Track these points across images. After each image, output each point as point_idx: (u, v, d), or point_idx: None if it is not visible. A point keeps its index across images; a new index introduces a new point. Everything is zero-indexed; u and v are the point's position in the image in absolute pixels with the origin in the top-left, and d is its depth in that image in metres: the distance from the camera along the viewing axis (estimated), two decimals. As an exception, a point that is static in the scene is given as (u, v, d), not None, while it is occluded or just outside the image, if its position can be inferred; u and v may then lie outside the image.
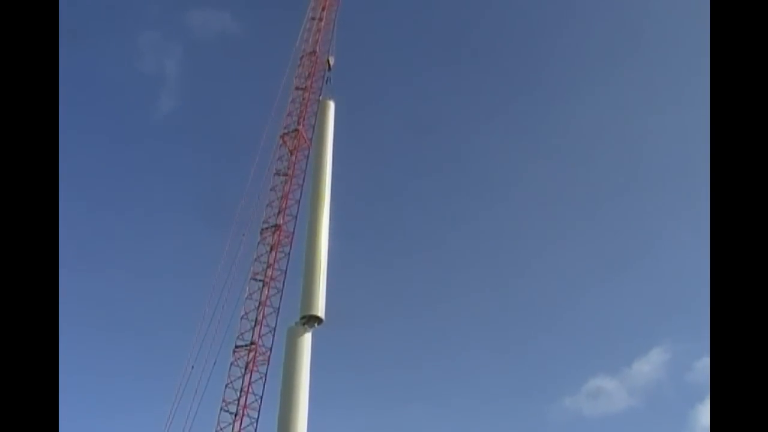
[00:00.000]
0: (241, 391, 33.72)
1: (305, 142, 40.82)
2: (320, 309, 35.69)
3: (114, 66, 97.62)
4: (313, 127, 41.63)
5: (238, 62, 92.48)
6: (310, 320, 35.49)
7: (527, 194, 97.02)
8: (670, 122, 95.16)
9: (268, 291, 36.18)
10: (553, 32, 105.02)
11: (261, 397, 33.86)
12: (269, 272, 36.75)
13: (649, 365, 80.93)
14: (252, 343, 34.87)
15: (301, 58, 43.75)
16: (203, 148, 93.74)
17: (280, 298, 36.39)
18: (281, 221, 38.17)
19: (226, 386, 33.95)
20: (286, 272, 37.09)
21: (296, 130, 40.89)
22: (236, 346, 34.97)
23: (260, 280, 36.57)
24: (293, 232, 38.15)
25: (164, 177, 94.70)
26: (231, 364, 34.53)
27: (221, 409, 33.41)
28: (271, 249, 37.48)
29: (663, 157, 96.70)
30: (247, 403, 33.44)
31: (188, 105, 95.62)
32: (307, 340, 34.88)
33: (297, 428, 31.92)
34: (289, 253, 37.63)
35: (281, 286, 36.64)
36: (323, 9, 45.36)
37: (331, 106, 43.49)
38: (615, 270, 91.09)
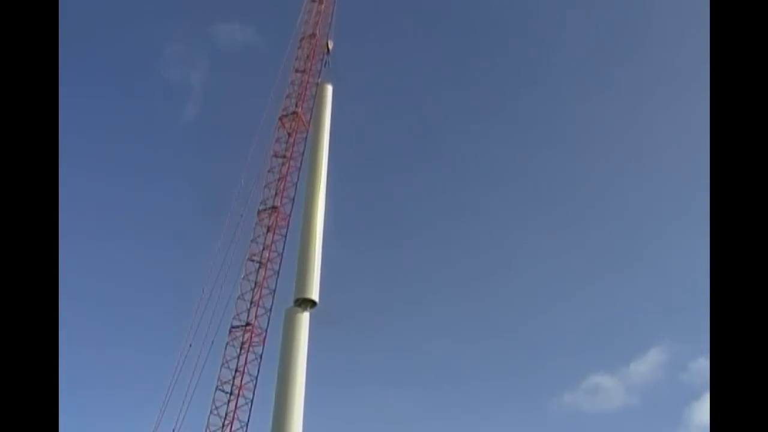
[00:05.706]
0: (236, 371, 34.04)
1: (303, 124, 40.80)
2: (314, 292, 36.04)
3: (142, 75, 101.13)
4: (312, 110, 41.67)
5: (261, 73, 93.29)
6: (304, 303, 35.84)
7: (528, 189, 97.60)
8: (672, 120, 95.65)
9: (265, 272, 36.34)
10: (555, 26, 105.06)
11: (256, 378, 34.24)
12: (266, 254, 36.88)
13: (647, 365, 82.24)
14: (248, 323, 35.08)
15: (301, 40, 43.59)
16: (223, 153, 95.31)
17: (276, 280, 36.63)
18: (279, 203, 38.27)
19: (221, 366, 34.24)
20: (282, 254, 37.28)
21: (295, 112, 40.86)
22: (232, 327, 35.17)
23: (257, 261, 36.71)
24: (290, 215, 38.32)
25: (181, 175, 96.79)
26: (227, 344, 34.81)
27: (217, 388, 33.76)
28: (269, 230, 37.57)
29: (664, 155, 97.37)
30: (243, 383, 33.76)
31: (212, 113, 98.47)
32: (304, 321, 35.21)
33: (294, 408, 32.30)
34: (285, 236, 37.82)
35: (278, 267, 36.80)
36: (323, -9, 45.19)
37: (329, 89, 43.53)
38: (617, 270, 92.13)
